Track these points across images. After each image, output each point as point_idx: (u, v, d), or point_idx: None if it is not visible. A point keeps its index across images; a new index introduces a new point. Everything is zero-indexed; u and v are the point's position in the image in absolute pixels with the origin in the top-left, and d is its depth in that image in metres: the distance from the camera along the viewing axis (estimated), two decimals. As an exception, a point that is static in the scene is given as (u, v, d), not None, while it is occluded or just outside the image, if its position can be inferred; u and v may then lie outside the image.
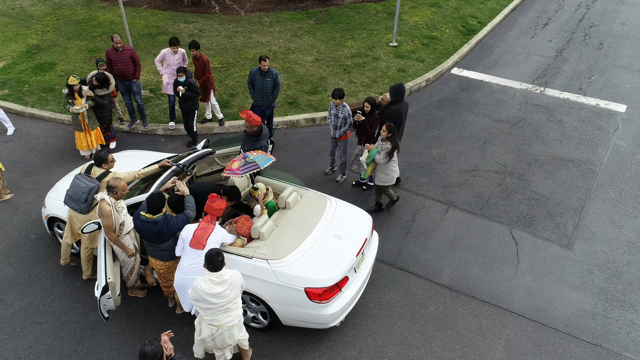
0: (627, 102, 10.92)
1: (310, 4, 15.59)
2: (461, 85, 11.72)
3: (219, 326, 4.75)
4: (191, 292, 4.70)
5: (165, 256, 5.48)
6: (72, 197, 5.85)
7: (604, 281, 6.75)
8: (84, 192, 5.79)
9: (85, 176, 5.95)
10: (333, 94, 7.76)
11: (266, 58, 8.49)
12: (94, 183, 5.86)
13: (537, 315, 6.27)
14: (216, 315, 4.71)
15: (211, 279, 4.57)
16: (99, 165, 6.15)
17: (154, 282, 6.23)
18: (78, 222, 6.13)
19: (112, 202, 5.57)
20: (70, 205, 5.96)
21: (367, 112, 7.61)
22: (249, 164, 5.91)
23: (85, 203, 5.85)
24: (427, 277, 6.79)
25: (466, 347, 5.86)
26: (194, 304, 4.74)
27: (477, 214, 7.90)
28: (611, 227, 7.64)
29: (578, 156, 9.21)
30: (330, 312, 5.47)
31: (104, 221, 5.57)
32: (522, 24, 15.03)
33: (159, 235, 5.28)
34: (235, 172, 5.86)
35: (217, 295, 4.58)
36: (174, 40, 8.94)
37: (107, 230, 5.59)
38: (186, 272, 5.21)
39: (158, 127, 9.86)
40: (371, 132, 7.71)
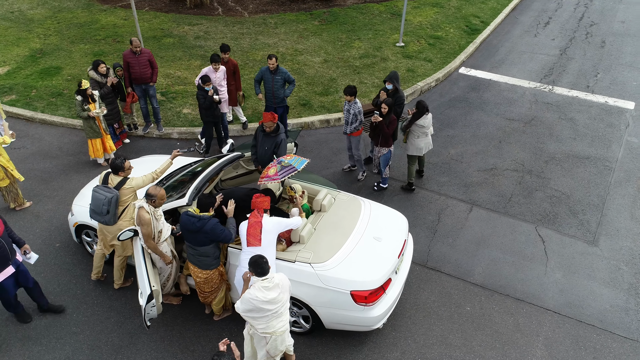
0: (635, 99, 11.10)
1: (313, 5, 15.56)
2: (470, 85, 11.80)
3: (272, 333, 4.71)
4: (241, 304, 4.58)
5: (204, 263, 5.40)
6: (95, 210, 5.74)
7: (632, 277, 6.85)
8: (104, 203, 5.65)
9: (102, 187, 5.79)
10: (344, 91, 7.86)
11: (273, 56, 8.47)
12: (112, 193, 5.71)
13: (572, 312, 6.33)
14: (270, 322, 4.66)
15: (263, 285, 4.51)
16: (115, 173, 5.92)
17: (187, 291, 6.16)
18: (109, 234, 6.02)
19: (151, 210, 5.49)
20: (95, 219, 5.86)
21: (384, 113, 7.63)
22: (285, 168, 5.88)
23: (109, 214, 5.73)
24: (459, 276, 6.82)
25: (506, 345, 5.90)
26: (245, 315, 4.65)
27: (500, 212, 7.96)
28: (633, 223, 7.76)
29: (593, 153, 9.33)
30: (375, 314, 5.46)
31: (143, 230, 5.49)
32: (524, 23, 15.18)
33: (199, 234, 5.21)
34: (273, 177, 5.82)
35: (272, 302, 4.54)
36: (216, 57, 8.67)
37: (147, 239, 5.52)
38: (245, 265, 5.17)
39: (173, 131, 9.76)
40: (388, 132, 7.72)
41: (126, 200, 5.88)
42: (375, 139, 7.92)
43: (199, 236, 5.23)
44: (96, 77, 8.62)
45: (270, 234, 5.17)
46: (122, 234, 5.68)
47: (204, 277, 5.47)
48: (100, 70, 8.53)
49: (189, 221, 5.25)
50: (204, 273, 5.45)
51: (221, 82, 8.89)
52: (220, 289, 5.69)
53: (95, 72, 8.62)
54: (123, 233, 5.68)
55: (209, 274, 5.47)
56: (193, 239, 5.30)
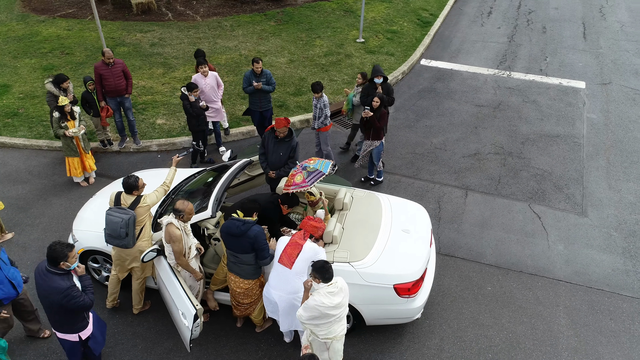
0: (584, 78, 11.99)
1: (265, 6, 15.39)
2: (434, 75, 12.21)
3: (333, 338, 4.65)
4: (305, 312, 4.47)
5: (246, 272, 5.22)
6: (112, 235, 5.37)
7: (623, 241, 7.42)
8: (122, 226, 5.29)
9: (117, 209, 5.42)
10: (313, 88, 8.03)
11: (259, 60, 8.35)
12: (128, 214, 5.35)
13: (581, 280, 6.77)
14: (331, 327, 4.60)
15: (329, 290, 4.42)
16: (129, 192, 5.58)
17: (216, 307, 5.93)
18: (127, 257, 5.65)
19: (181, 225, 5.23)
20: (113, 244, 5.48)
21: (375, 107, 7.74)
22: (312, 173, 5.80)
23: (127, 237, 5.37)
24: (473, 259, 7.07)
25: (533, 318, 6.20)
26: (309, 323, 4.53)
27: (494, 194, 8.33)
28: (611, 192, 8.40)
29: (561, 132, 9.99)
30: (417, 305, 5.55)
31: (175, 246, 5.21)
32: (469, 14, 15.91)
33: (242, 239, 5.03)
34: (302, 185, 5.72)
35: (337, 306, 4.47)
36: (202, 60, 8.35)
37: (178, 256, 5.25)
38: (272, 286, 5.05)
39: (151, 144, 9.30)
40: (380, 126, 7.84)
41: (143, 220, 5.55)
42: (367, 133, 8.00)
43: (242, 241, 5.05)
44: (54, 91, 8.03)
45: (304, 263, 4.97)
46: (146, 254, 5.38)
47: (246, 287, 5.29)
48: (64, 85, 7.98)
49: (233, 225, 5.05)
50: (246, 283, 5.27)
51: (214, 87, 8.59)
52: (260, 300, 5.53)
53: (54, 85, 8.02)
54: (147, 254, 5.38)
55: (251, 284, 5.29)
56: (235, 245, 5.10)
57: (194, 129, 8.34)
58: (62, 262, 4.46)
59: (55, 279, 4.46)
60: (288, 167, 6.87)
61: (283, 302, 5.07)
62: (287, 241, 5.04)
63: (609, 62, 12.73)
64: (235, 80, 11.36)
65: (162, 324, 5.99)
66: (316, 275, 4.44)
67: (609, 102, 11.03)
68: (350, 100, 8.62)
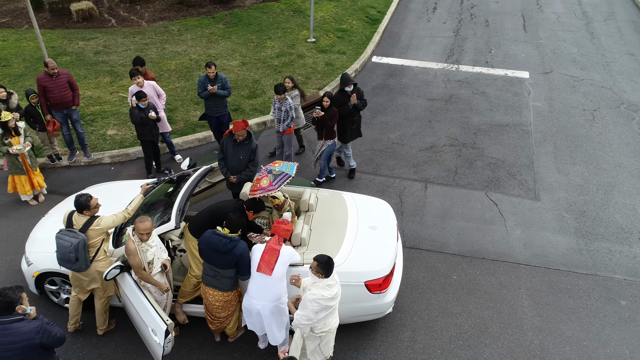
0: (527, 69, 12.52)
1: (212, 9, 15.15)
2: (386, 72, 12.41)
3: (328, 330, 4.71)
4: (304, 311, 4.49)
5: (225, 285, 5.11)
6: (62, 258, 5.11)
7: (574, 221, 7.81)
8: (71, 251, 5.01)
9: (67, 232, 5.11)
10: (276, 90, 7.91)
11: (212, 65, 8.21)
12: (77, 238, 5.04)
13: (540, 261, 7.07)
14: (327, 320, 4.67)
15: (328, 283, 4.53)
16: (80, 212, 5.23)
17: (185, 320, 5.80)
18: (85, 278, 5.39)
19: (136, 240, 5.07)
20: (66, 267, 5.20)
21: (325, 107, 7.76)
22: (278, 176, 5.76)
23: (78, 261, 5.11)
24: (437, 250, 7.24)
25: (498, 303, 6.42)
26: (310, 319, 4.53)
27: (452, 185, 8.55)
28: (560, 175, 8.82)
29: (510, 121, 10.38)
30: (388, 300, 5.63)
31: (131, 260, 5.05)
32: (415, 10, 16.26)
33: (228, 256, 4.92)
34: (268, 188, 5.66)
35: (334, 297, 4.57)
36: (134, 71, 8.07)
37: (137, 270, 5.08)
38: (253, 296, 4.98)
39: (103, 156, 8.97)
40: (331, 125, 7.89)
41: (96, 243, 5.25)
42: (320, 133, 8.01)
43: (227, 258, 4.93)
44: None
45: (283, 267, 4.97)
46: (109, 272, 5.18)
47: (225, 300, 5.17)
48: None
49: (220, 242, 4.91)
50: (225, 295, 5.15)
51: (152, 97, 8.33)
52: (236, 312, 5.43)
53: None
54: (110, 271, 5.18)
55: (230, 296, 5.19)
56: (219, 261, 4.97)
57: (142, 139, 8.11)
58: (17, 307, 4.06)
59: (18, 327, 4.02)
60: (249, 170, 6.79)
61: (267, 310, 5.01)
62: (263, 249, 4.98)
63: (549, 52, 13.34)
64: (187, 86, 11.12)
65: (129, 342, 5.79)
66: (320, 270, 4.50)
67: (552, 90, 11.56)
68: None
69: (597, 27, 14.83)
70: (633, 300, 6.50)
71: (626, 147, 9.58)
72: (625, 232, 7.60)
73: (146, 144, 8.20)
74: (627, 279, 6.81)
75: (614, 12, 15.87)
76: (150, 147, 8.26)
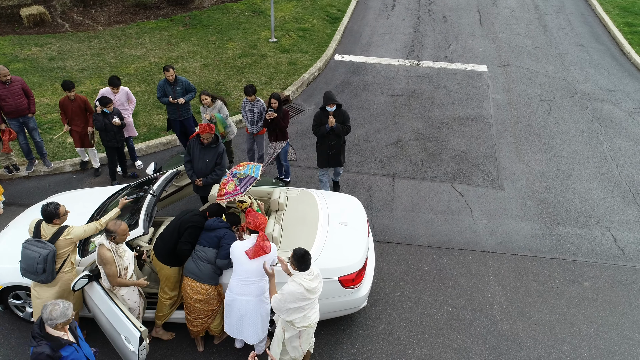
0: (485, 62, 12.86)
1: (170, 11, 14.89)
2: (349, 70, 12.51)
3: (308, 325, 4.75)
4: (280, 301, 4.57)
5: (204, 273, 5.09)
6: (28, 269, 4.95)
7: (537, 208, 8.09)
8: (39, 262, 4.86)
9: (34, 241, 4.96)
10: (246, 91, 7.78)
11: (169, 68, 8.10)
12: (47, 249, 4.90)
13: (505, 249, 7.29)
14: (307, 313, 4.71)
15: (306, 277, 4.59)
16: (49, 221, 5.06)
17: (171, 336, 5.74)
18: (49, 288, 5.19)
19: (113, 247, 4.95)
20: (30, 278, 5.02)
21: (275, 108, 7.67)
22: (243, 180, 5.73)
23: (45, 273, 4.95)
24: (407, 242, 7.36)
25: (468, 291, 6.59)
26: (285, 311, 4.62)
27: (419, 178, 8.71)
28: (522, 165, 9.11)
29: (471, 113, 10.65)
30: (362, 294, 5.69)
31: (107, 269, 4.93)
32: (374, 8, 16.44)
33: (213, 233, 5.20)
34: (234, 193, 5.64)
35: (313, 291, 4.62)
36: (115, 81, 7.96)
37: (113, 278, 4.96)
38: (237, 292, 4.94)
39: (64, 164, 8.69)
40: (284, 125, 7.84)
41: (64, 254, 5.10)
42: (273, 135, 7.91)
43: (212, 235, 5.16)
44: None
45: (268, 263, 4.96)
46: (77, 282, 5.04)
47: (205, 292, 5.11)
48: None
49: (213, 221, 5.30)
50: (204, 288, 5.10)
51: (124, 104, 8.16)
52: (219, 309, 5.37)
53: None
54: (77, 282, 5.04)
55: (209, 291, 5.13)
56: (203, 238, 5.24)
57: (107, 145, 7.92)
58: None
59: None
60: (215, 174, 6.73)
61: (250, 305, 5.02)
62: (244, 246, 4.93)
63: (505, 46, 13.75)
64: (148, 90, 10.91)
65: (102, 353, 5.64)
66: (294, 263, 4.57)
67: (509, 82, 11.93)
68: (221, 120, 7.89)
69: (549, 20, 15.37)
70: (595, 281, 6.79)
71: (582, 134, 9.98)
72: (585, 216, 7.92)
73: (111, 150, 8.01)
74: (589, 261, 7.10)
75: (564, 5, 16.49)
76: (115, 153, 8.07)
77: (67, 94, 7.78)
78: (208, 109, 7.86)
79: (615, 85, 11.78)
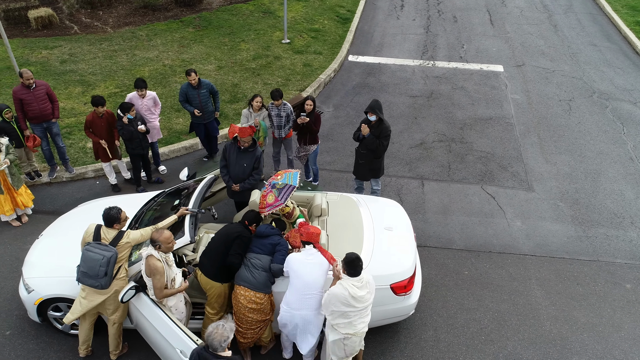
0: (501, 62, 12.82)
1: (178, 12, 14.69)
2: (365, 71, 12.40)
3: (354, 334, 4.66)
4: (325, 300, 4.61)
5: (258, 281, 4.95)
6: (88, 273, 4.82)
7: (569, 209, 8.03)
8: (102, 264, 4.78)
9: (97, 245, 4.90)
10: (273, 96, 7.62)
11: (191, 72, 7.94)
12: (110, 251, 4.85)
13: (543, 251, 7.22)
14: (353, 320, 4.64)
15: (353, 283, 4.52)
16: (110, 225, 5.04)
17: None
18: (101, 295, 5.06)
19: (162, 256, 4.80)
20: (87, 283, 4.91)
21: (308, 111, 7.54)
22: (283, 190, 5.60)
23: (106, 277, 4.86)
24: (444, 246, 7.26)
25: (512, 295, 6.50)
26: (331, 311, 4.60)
27: (447, 180, 8.62)
28: (549, 165, 9.05)
29: (493, 114, 10.59)
30: (412, 301, 5.58)
31: (155, 280, 4.77)
32: (383, 8, 16.35)
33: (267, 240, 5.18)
34: (275, 204, 5.55)
35: (359, 299, 4.54)
36: (140, 83, 7.71)
37: (160, 290, 4.80)
38: (296, 307, 4.80)
39: (86, 170, 8.49)
40: (316, 129, 7.75)
41: (122, 258, 5.02)
42: (304, 138, 7.80)
43: (266, 242, 5.11)
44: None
45: (324, 276, 4.95)
46: (125, 294, 4.88)
47: (259, 301, 4.95)
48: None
49: (263, 226, 5.30)
50: (259, 297, 4.94)
51: (151, 109, 7.98)
52: (270, 320, 5.22)
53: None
54: (126, 293, 4.88)
55: (263, 300, 4.98)
56: (257, 245, 5.16)
57: (131, 152, 7.74)
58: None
59: None
60: (253, 178, 6.58)
61: (307, 319, 4.91)
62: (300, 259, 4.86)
63: (518, 45, 13.72)
64: (165, 93, 10.72)
65: (146, 365, 5.49)
66: (345, 267, 4.56)
67: (527, 82, 11.89)
68: (265, 129, 7.62)
69: (559, 19, 15.38)
70: (637, 283, 6.74)
71: (604, 134, 9.95)
72: (618, 217, 7.88)
73: (135, 157, 7.82)
74: (628, 263, 7.06)
75: (572, 4, 16.51)
76: (139, 159, 7.89)
77: (97, 110, 7.35)
78: (254, 114, 7.68)
79: (632, 84, 11.79)
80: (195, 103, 8.13)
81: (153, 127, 8.10)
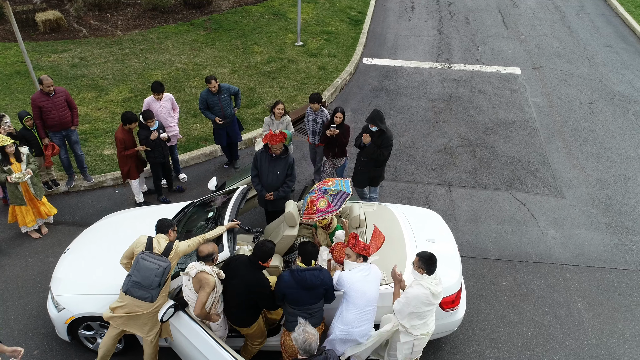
0: (517, 64, 12.65)
1: (188, 15, 14.43)
2: (381, 73, 12.20)
3: (426, 333, 4.64)
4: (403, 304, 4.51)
5: (319, 317, 4.72)
6: (141, 283, 4.60)
7: (602, 216, 7.85)
8: (157, 274, 4.58)
9: (152, 255, 4.71)
10: (311, 99, 7.41)
11: (211, 79, 7.72)
12: (165, 262, 4.67)
13: (581, 260, 7.04)
14: (427, 320, 4.61)
15: (432, 281, 4.45)
16: (165, 232, 4.95)
17: None
18: (144, 311, 4.83)
19: (214, 270, 4.61)
20: (136, 295, 4.68)
21: (338, 123, 7.24)
22: (336, 196, 5.38)
23: (159, 288, 4.66)
24: (479, 256, 7.07)
25: (553, 307, 6.31)
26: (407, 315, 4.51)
27: (475, 187, 8.43)
28: (577, 171, 8.88)
29: (515, 118, 10.41)
30: (459, 316, 5.39)
31: (203, 295, 4.55)
32: (394, 10, 16.16)
33: (319, 288, 4.57)
34: (328, 210, 5.28)
35: (437, 295, 4.48)
36: (157, 86, 7.45)
37: (201, 307, 4.57)
38: (356, 325, 4.58)
39: (105, 178, 8.24)
40: (345, 142, 7.49)
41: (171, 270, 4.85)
42: (332, 150, 7.50)
43: (319, 290, 4.56)
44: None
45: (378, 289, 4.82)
46: (165, 313, 4.66)
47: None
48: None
49: (312, 276, 4.51)
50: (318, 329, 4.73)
51: (169, 112, 7.75)
52: None
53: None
54: (166, 312, 4.67)
55: (320, 332, 4.76)
56: (310, 297, 4.57)
57: (152, 161, 7.51)
58: None
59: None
60: (287, 186, 6.37)
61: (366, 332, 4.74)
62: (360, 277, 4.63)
63: (534, 47, 13.56)
64: (180, 97, 10.47)
65: (182, 386, 5.25)
66: (421, 266, 4.45)
67: (546, 85, 11.72)
68: (290, 138, 7.07)
69: (572, 21, 15.24)
70: (680, 293, 6.57)
71: (629, 138, 9.79)
72: (653, 223, 7.72)
73: (156, 166, 7.59)
74: (669, 272, 6.89)
75: (584, 5, 16.37)
76: (160, 167, 7.66)
77: (129, 127, 7.06)
78: (275, 122, 7.45)
79: (652, 86, 11.65)
80: (216, 109, 7.91)
81: (171, 130, 7.85)
